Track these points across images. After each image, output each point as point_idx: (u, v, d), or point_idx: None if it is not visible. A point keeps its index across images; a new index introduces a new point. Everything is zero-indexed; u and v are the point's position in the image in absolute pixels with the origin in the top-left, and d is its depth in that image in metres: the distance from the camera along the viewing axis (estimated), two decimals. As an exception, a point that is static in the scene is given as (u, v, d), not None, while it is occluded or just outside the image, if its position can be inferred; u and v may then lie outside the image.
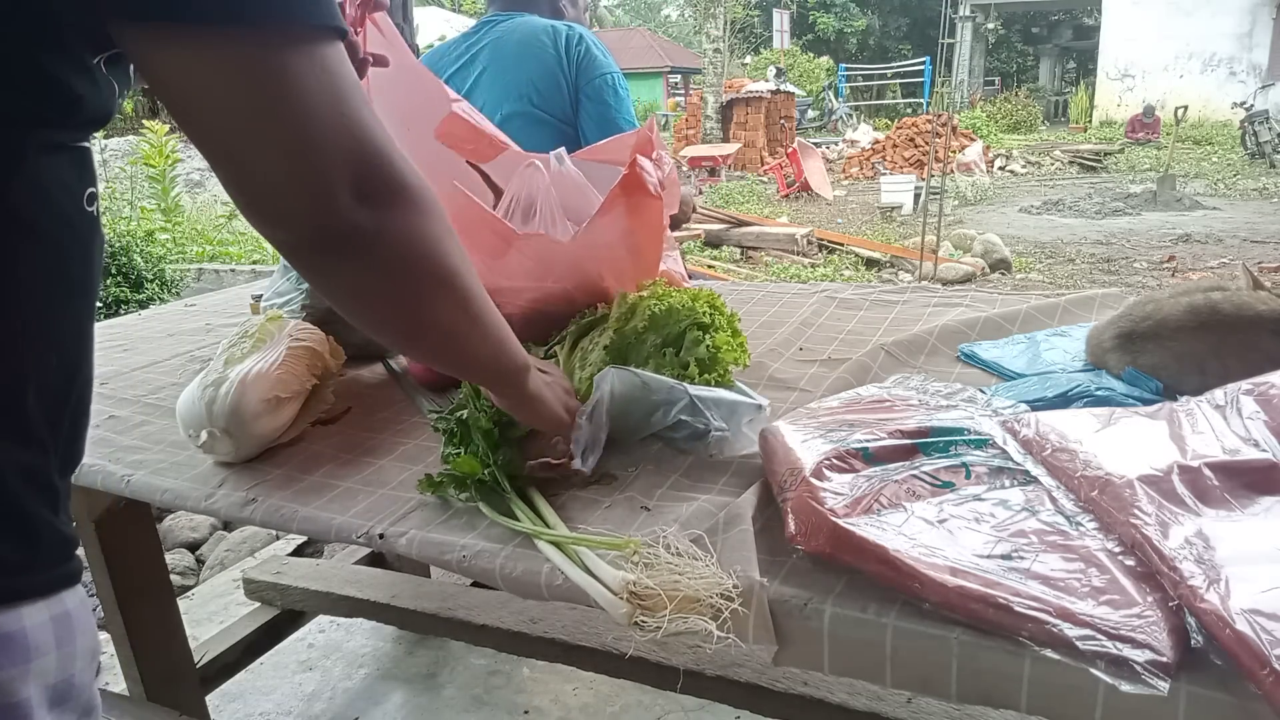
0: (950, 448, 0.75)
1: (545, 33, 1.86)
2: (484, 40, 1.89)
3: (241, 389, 0.93)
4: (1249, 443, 0.68)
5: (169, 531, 2.75)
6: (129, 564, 1.41)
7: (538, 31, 1.87)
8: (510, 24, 1.89)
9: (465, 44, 1.91)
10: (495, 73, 1.88)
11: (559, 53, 1.86)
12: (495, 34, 1.88)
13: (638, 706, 1.82)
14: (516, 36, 1.87)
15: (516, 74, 1.86)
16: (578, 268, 1.01)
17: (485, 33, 1.90)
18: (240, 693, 1.92)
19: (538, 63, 1.85)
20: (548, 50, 1.85)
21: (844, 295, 1.44)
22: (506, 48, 1.88)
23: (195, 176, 10.56)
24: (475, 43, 1.90)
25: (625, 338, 0.94)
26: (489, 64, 1.88)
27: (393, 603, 1.66)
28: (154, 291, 3.72)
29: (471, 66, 1.88)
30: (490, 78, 1.88)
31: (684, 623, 0.61)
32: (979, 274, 6.61)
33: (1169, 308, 0.92)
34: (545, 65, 1.85)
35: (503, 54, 1.88)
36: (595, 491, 0.83)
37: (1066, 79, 26.61)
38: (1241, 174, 12.04)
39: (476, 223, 0.96)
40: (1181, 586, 0.54)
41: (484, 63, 1.88)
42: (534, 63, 1.85)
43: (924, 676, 0.60)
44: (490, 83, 1.88)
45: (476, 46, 1.89)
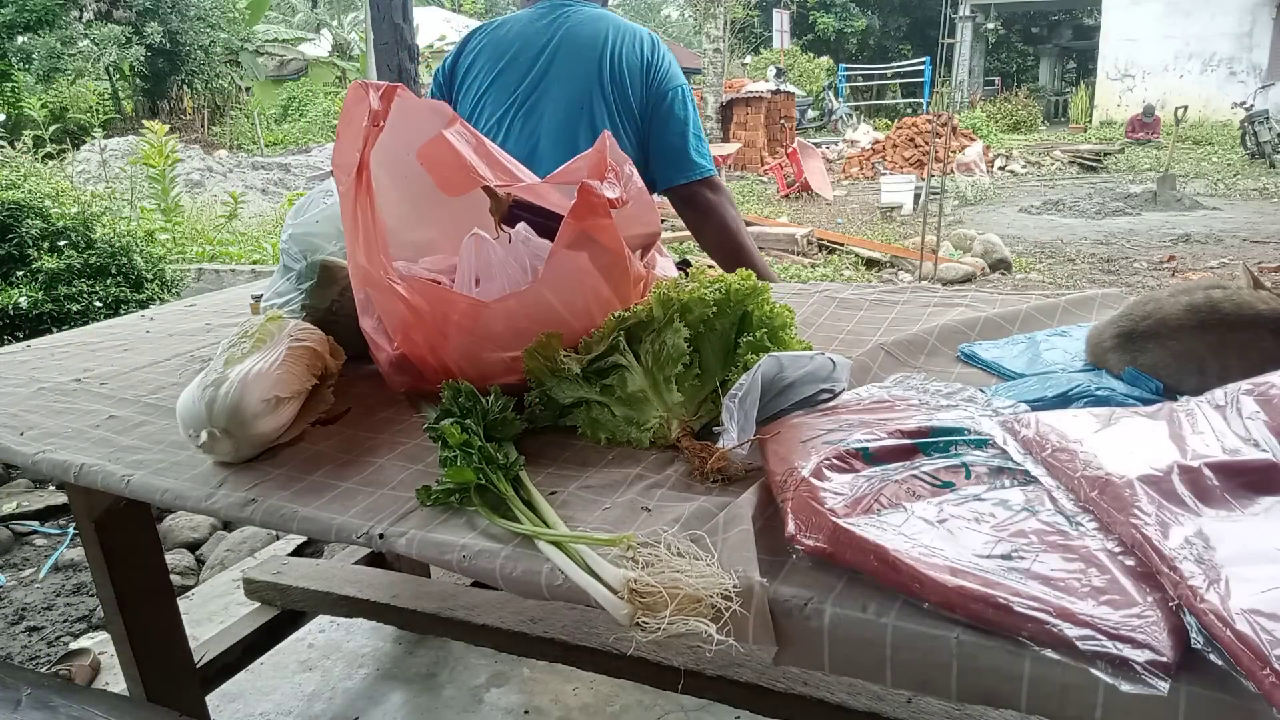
0: (950, 448, 0.75)
1: (627, 33, 1.80)
2: (558, 27, 1.80)
3: (241, 389, 0.93)
4: (1249, 443, 0.68)
5: (169, 531, 2.75)
6: (129, 564, 1.41)
7: (619, 29, 1.80)
8: (584, 15, 1.81)
9: (541, 22, 1.81)
10: (569, 63, 1.79)
11: (641, 56, 1.80)
12: (569, 22, 1.80)
13: (638, 706, 1.82)
14: (588, 30, 1.79)
15: (592, 69, 1.78)
16: (550, 309, 0.98)
17: (557, 18, 1.81)
18: (240, 693, 1.92)
19: (618, 61, 1.78)
20: (633, 51, 1.79)
21: (844, 295, 1.44)
22: (581, 39, 1.79)
23: (195, 176, 10.57)
24: (548, 28, 1.80)
25: (695, 326, 0.94)
26: (564, 48, 1.79)
27: (393, 603, 1.66)
28: (154, 291, 3.72)
29: (549, 49, 1.79)
30: (564, 68, 1.79)
31: (684, 624, 0.61)
32: (979, 274, 6.61)
33: (1169, 307, 0.92)
34: (629, 65, 1.78)
35: (578, 45, 1.79)
36: (595, 492, 0.83)
37: (1066, 79, 26.59)
38: (1241, 174, 12.04)
39: (445, 306, 0.97)
40: (1181, 586, 0.54)
41: (559, 46, 1.79)
42: (615, 61, 1.78)
43: (924, 676, 0.60)
44: (564, 74, 1.79)
45: (550, 33, 1.80)
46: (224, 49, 17.90)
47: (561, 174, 1.08)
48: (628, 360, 0.94)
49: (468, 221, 1.13)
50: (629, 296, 1.02)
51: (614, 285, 0.99)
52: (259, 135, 16.01)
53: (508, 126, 1.80)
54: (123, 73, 16.59)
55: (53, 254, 3.49)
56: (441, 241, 1.21)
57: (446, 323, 0.97)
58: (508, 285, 1.03)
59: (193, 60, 16.86)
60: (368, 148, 0.95)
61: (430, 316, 0.97)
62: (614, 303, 1.00)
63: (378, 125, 0.96)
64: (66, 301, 3.41)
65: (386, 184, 1.06)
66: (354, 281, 1.05)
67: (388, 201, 1.07)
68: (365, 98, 0.97)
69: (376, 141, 0.96)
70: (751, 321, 0.96)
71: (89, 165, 9.62)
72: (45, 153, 9.37)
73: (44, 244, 3.52)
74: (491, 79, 1.83)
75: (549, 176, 1.11)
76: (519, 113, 1.80)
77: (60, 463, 1.01)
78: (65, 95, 14.85)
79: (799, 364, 0.88)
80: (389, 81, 1.20)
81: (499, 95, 1.82)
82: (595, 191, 0.92)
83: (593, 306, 0.99)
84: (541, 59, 1.80)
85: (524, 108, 1.79)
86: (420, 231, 1.21)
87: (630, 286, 1.02)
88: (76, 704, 1.08)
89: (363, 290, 1.04)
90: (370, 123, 0.95)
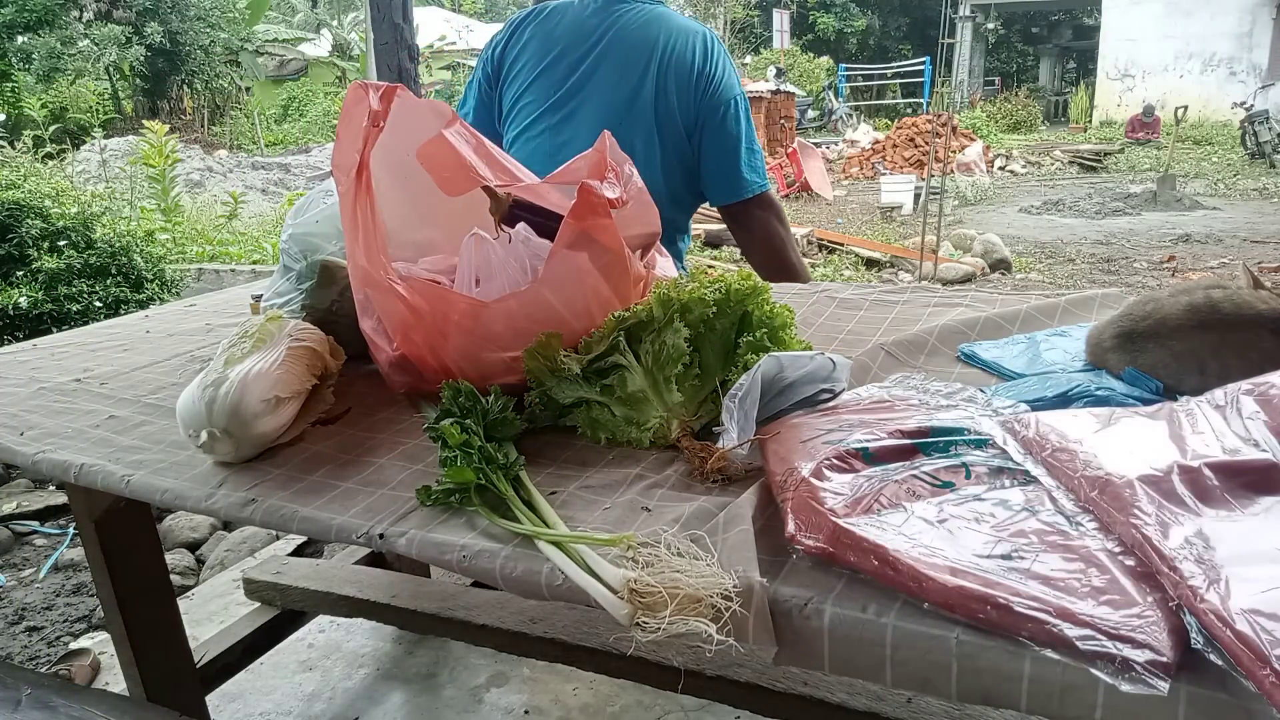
0: (950, 448, 0.75)
1: (679, 40, 1.68)
2: (608, 28, 1.70)
3: (241, 389, 0.93)
4: (1249, 443, 0.68)
5: (169, 531, 2.75)
6: (129, 564, 1.41)
7: (670, 36, 1.68)
8: (637, 16, 1.70)
9: (593, 20, 1.71)
10: (613, 71, 1.69)
11: (692, 67, 1.68)
12: (620, 23, 1.70)
13: (638, 706, 1.82)
14: (639, 36, 1.68)
15: (636, 80, 1.67)
16: (551, 309, 0.98)
17: (609, 17, 1.71)
18: (240, 693, 1.92)
19: (665, 74, 1.66)
20: (682, 61, 1.67)
21: (844, 295, 1.44)
22: (629, 44, 1.68)
23: (195, 176, 10.57)
24: (597, 27, 1.71)
25: (695, 326, 0.93)
26: (611, 53, 1.69)
27: (393, 603, 1.66)
28: (154, 291, 3.72)
29: (595, 52, 1.69)
30: (607, 76, 1.69)
31: (685, 624, 0.61)
32: (979, 274, 6.61)
33: (1169, 307, 0.92)
34: (677, 77, 1.67)
35: (625, 51, 1.68)
36: (595, 492, 0.83)
37: (1066, 79, 26.59)
38: (1241, 174, 12.04)
39: (445, 306, 0.96)
40: (1181, 586, 0.54)
41: (606, 50, 1.69)
42: (662, 74, 1.66)
43: (924, 676, 0.60)
44: (606, 83, 1.69)
45: (599, 34, 1.70)
46: (224, 49, 17.90)
47: (561, 174, 1.08)
48: (628, 360, 0.94)
49: (468, 221, 1.12)
50: (629, 296, 1.02)
51: (614, 285, 0.99)
52: (259, 135, 16.01)
53: (540, 133, 1.72)
54: (123, 73, 16.59)
55: (53, 254, 3.49)
56: (441, 241, 1.21)
57: (446, 323, 0.97)
58: (508, 285, 1.03)
59: (193, 60, 16.86)
60: (367, 148, 0.95)
61: (430, 317, 0.97)
62: (614, 303, 1.00)
63: (377, 125, 0.96)
64: (66, 301, 3.41)
65: (386, 184, 1.06)
66: (354, 282, 1.05)
67: (388, 201, 1.07)
68: (365, 98, 0.97)
69: (376, 142, 0.96)
70: (751, 321, 0.96)
71: (89, 165, 9.61)
72: (45, 153, 9.37)
73: (44, 244, 3.52)
74: (534, 77, 1.74)
75: (549, 176, 1.10)
76: (553, 120, 1.71)
77: (60, 463, 1.01)
78: (65, 95, 14.84)
79: (799, 364, 0.88)
80: (389, 81, 1.20)
81: (537, 96, 1.73)
82: (595, 191, 0.92)
83: (593, 306, 0.99)
84: (585, 63, 1.70)
85: (560, 114, 1.71)
86: (420, 231, 1.21)
87: (630, 286, 1.02)
88: (76, 704, 1.08)
89: (362, 291, 1.04)
90: (370, 123, 0.95)
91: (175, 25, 16.28)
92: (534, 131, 1.74)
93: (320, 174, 11.00)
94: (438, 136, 1.01)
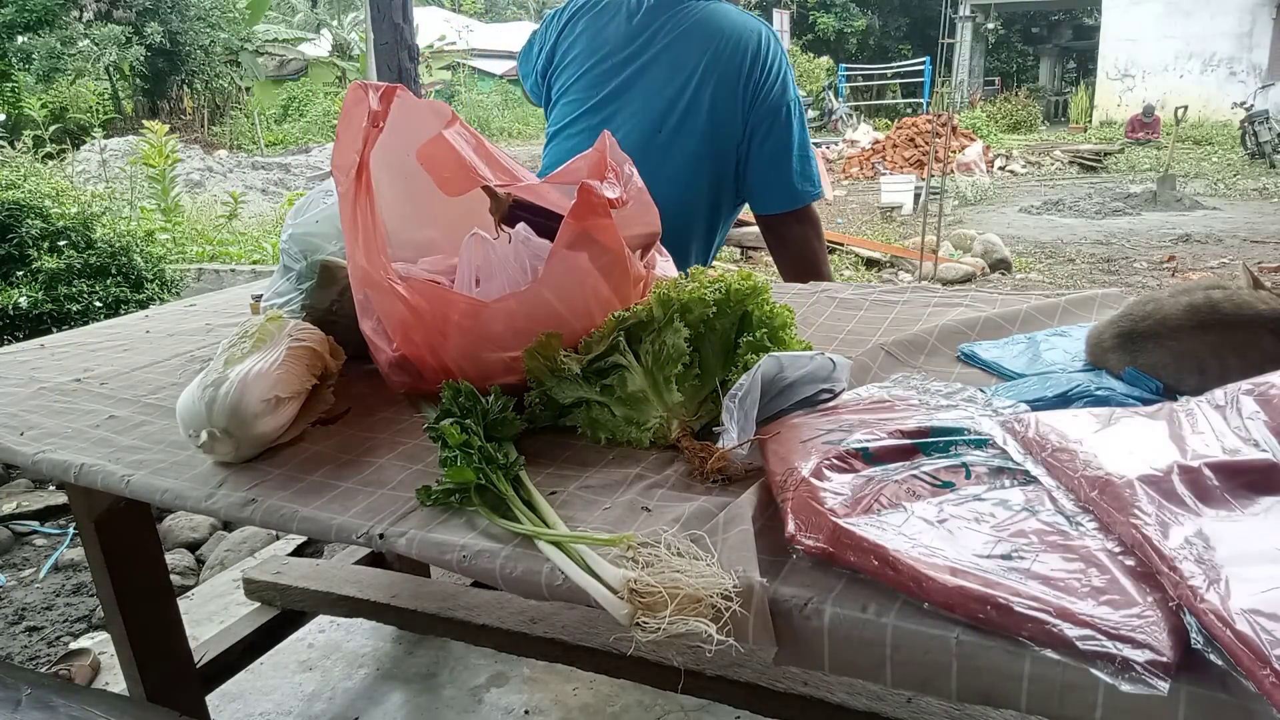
0: (950, 448, 0.75)
1: (729, 45, 1.61)
2: (658, 29, 1.63)
3: (241, 389, 0.93)
4: (1249, 443, 0.68)
5: (169, 531, 2.75)
6: (129, 564, 1.41)
7: (723, 42, 1.60)
8: (690, 17, 1.62)
9: (639, 18, 1.63)
10: (663, 72, 1.60)
11: (740, 74, 1.60)
12: (671, 23, 1.62)
13: (638, 706, 1.82)
14: (686, 44, 1.60)
15: (680, 88, 1.59)
16: (551, 309, 0.97)
17: (660, 17, 1.64)
18: (240, 693, 1.92)
19: (715, 72, 1.58)
20: (729, 67, 1.59)
21: (844, 295, 1.44)
22: (680, 44, 1.59)
23: (195, 176, 10.58)
24: (646, 27, 1.63)
25: (695, 326, 0.93)
26: (658, 58, 1.61)
27: (393, 603, 1.66)
28: (154, 291, 3.72)
29: (642, 57, 1.62)
30: (656, 77, 1.61)
31: (685, 624, 0.61)
32: (979, 274, 6.61)
33: (1169, 307, 0.92)
34: (728, 76, 1.59)
35: (675, 50, 1.59)
36: (595, 492, 0.83)
37: (1066, 79, 26.59)
38: (1241, 174, 12.04)
39: (444, 306, 0.96)
40: (1181, 586, 0.54)
41: (654, 55, 1.61)
42: (712, 72, 1.58)
43: (924, 676, 0.60)
44: (655, 84, 1.61)
45: (650, 31, 1.62)
46: (224, 49, 17.91)
47: (561, 174, 1.08)
48: (628, 360, 0.94)
49: (468, 221, 1.12)
50: (629, 296, 1.02)
51: (614, 285, 0.99)
52: (259, 135, 16.02)
53: (579, 133, 1.68)
54: (123, 73, 16.59)
55: (53, 254, 3.50)
56: (441, 241, 1.21)
57: (446, 323, 0.97)
58: (508, 285, 1.03)
59: (193, 60, 16.87)
60: (367, 149, 0.95)
61: (430, 317, 0.97)
62: (614, 303, 1.00)
63: (377, 126, 0.96)
64: (66, 301, 3.41)
65: (386, 184, 1.06)
66: (353, 283, 1.05)
67: (388, 202, 1.07)
68: (365, 98, 0.97)
69: (376, 142, 0.96)
70: (751, 321, 0.96)
71: (89, 165, 9.62)
72: (45, 153, 9.37)
73: (44, 244, 3.52)
74: (578, 75, 1.69)
75: (549, 176, 1.11)
76: (593, 121, 1.66)
77: (60, 463, 1.01)
78: (65, 95, 14.85)
79: (799, 364, 0.88)
80: (389, 82, 1.20)
81: (579, 96, 1.68)
82: (595, 191, 0.92)
83: (593, 306, 0.99)
84: (630, 68, 1.64)
85: (599, 116, 1.65)
86: (420, 231, 1.21)
87: (630, 286, 1.02)
88: (76, 704, 1.08)
89: (362, 291, 1.04)
90: (370, 123, 0.95)
91: (175, 25, 16.29)
92: (573, 130, 1.70)
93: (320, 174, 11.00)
94: (437, 137, 1.01)
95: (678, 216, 1.67)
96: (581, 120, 1.70)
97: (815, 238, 1.77)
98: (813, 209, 1.77)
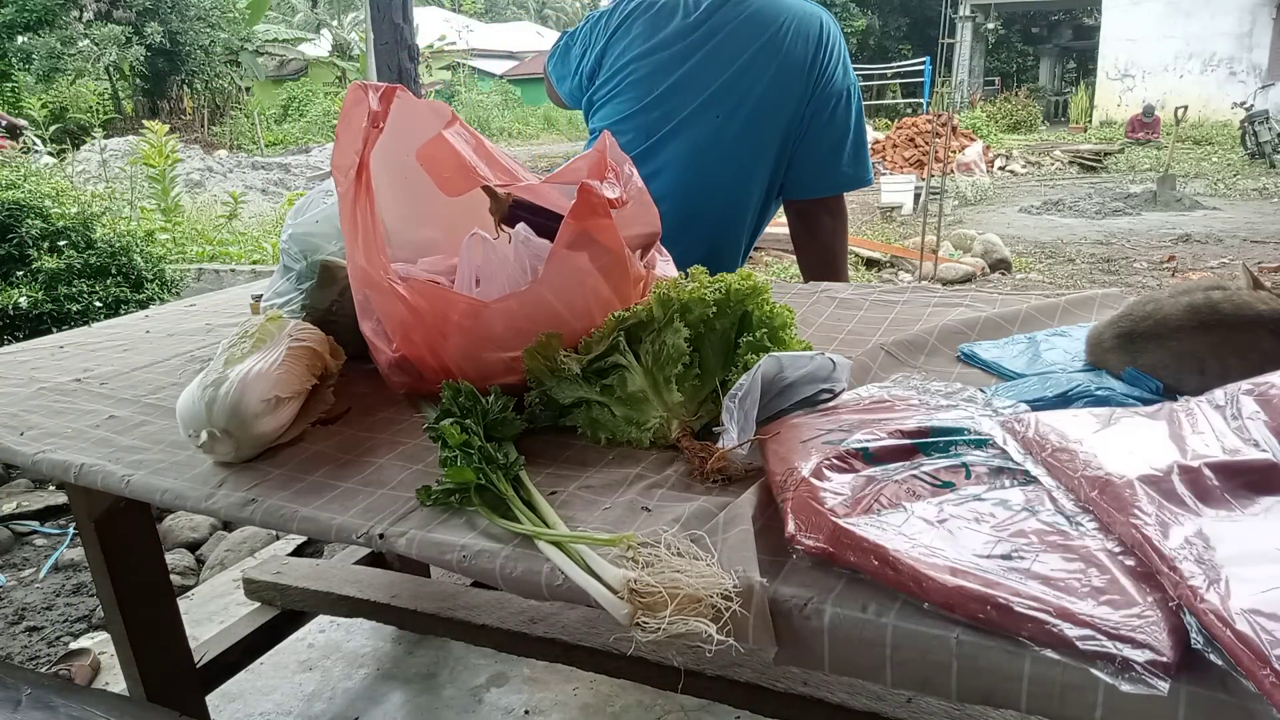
0: (950, 448, 0.75)
1: (793, 29, 1.57)
2: (722, 14, 1.60)
3: (241, 389, 0.93)
4: (1249, 443, 0.68)
5: (169, 531, 2.75)
6: (129, 564, 1.41)
7: (783, 26, 1.57)
8: (747, 8, 1.59)
9: (700, 15, 1.60)
10: (728, 58, 1.57)
11: (805, 55, 1.57)
12: (736, 8, 1.59)
13: (638, 706, 1.82)
14: (762, 17, 1.56)
15: (752, 67, 1.56)
16: (551, 309, 0.97)
17: (717, 13, 1.60)
18: (240, 693, 1.92)
19: (782, 54, 1.55)
20: (798, 40, 1.56)
21: (844, 295, 1.44)
22: (751, 28, 1.56)
23: (195, 176, 10.59)
24: (697, 26, 1.60)
25: (695, 326, 0.93)
26: (723, 43, 1.58)
27: (393, 603, 1.66)
28: (154, 291, 3.72)
29: (704, 44, 1.59)
30: (722, 62, 1.58)
31: (685, 624, 0.61)
32: (979, 274, 6.61)
33: (1169, 308, 0.92)
34: (788, 73, 1.56)
35: (743, 34, 1.56)
36: (595, 492, 0.83)
37: (1066, 79, 26.59)
38: (1241, 174, 12.05)
39: (445, 306, 0.96)
40: (1181, 586, 0.54)
41: (718, 42, 1.58)
42: (778, 54, 1.54)
43: (924, 676, 0.60)
44: (719, 71, 1.57)
45: (712, 20, 1.59)
46: (224, 49, 17.92)
47: (561, 174, 1.08)
48: (628, 360, 0.94)
49: (468, 221, 1.13)
50: (629, 296, 1.02)
51: (614, 285, 0.99)
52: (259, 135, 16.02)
53: (633, 131, 1.64)
54: (123, 73, 16.60)
55: (53, 254, 3.50)
56: (441, 241, 1.21)
57: (446, 323, 0.97)
58: (508, 285, 1.03)
59: (193, 60, 16.88)
60: (367, 149, 0.95)
61: (430, 317, 0.97)
62: (614, 303, 1.00)
63: (377, 127, 0.96)
64: (66, 301, 3.41)
65: (386, 184, 1.06)
66: (353, 283, 1.05)
67: (388, 202, 1.07)
68: (364, 99, 0.97)
69: (376, 143, 0.96)
70: (751, 321, 0.96)
71: (89, 165, 9.62)
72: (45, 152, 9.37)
73: (44, 244, 3.52)
74: (635, 75, 1.65)
75: (549, 176, 1.11)
76: (646, 144, 1.63)
77: (60, 463, 1.01)
78: (65, 95, 14.86)
79: (799, 364, 0.88)
80: (389, 82, 1.20)
81: (635, 94, 1.65)
82: (595, 191, 0.92)
83: (593, 306, 0.99)
84: (690, 60, 1.60)
85: (650, 140, 1.63)
86: (420, 232, 1.21)
87: (630, 286, 1.02)
88: (76, 704, 1.08)
89: (362, 292, 1.04)
90: (369, 124, 0.95)
91: (175, 25, 16.30)
92: (627, 125, 1.66)
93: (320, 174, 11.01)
94: (437, 137, 1.01)
95: (737, 206, 1.68)
96: (639, 116, 1.65)
97: (843, 235, 1.77)
98: (845, 206, 1.77)
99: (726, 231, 1.70)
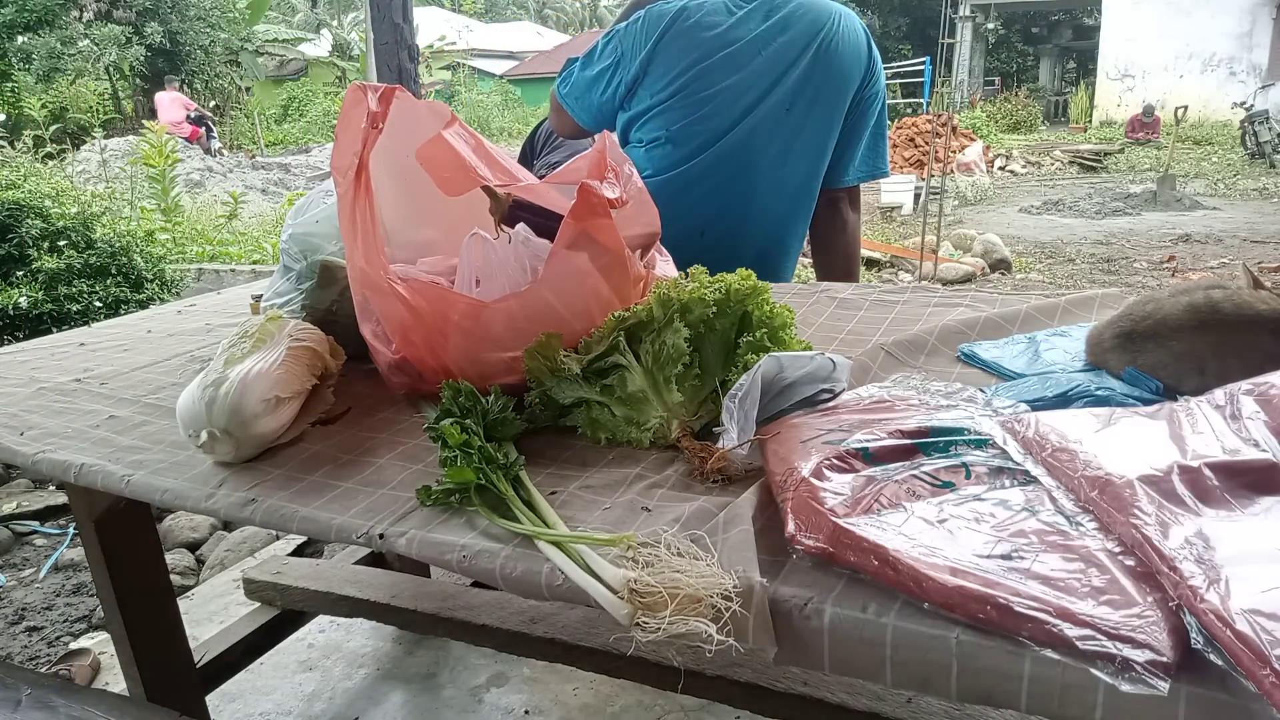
0: (950, 448, 0.75)
1: (843, 13, 1.62)
2: (765, 39, 1.62)
3: (241, 389, 0.93)
4: (1249, 443, 0.68)
5: (169, 531, 2.75)
6: (129, 564, 1.41)
7: (831, 11, 1.61)
8: (802, 14, 1.61)
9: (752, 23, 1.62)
10: (779, 57, 1.60)
11: (859, 45, 1.62)
12: (787, 21, 1.62)
13: (638, 706, 1.82)
14: (811, 14, 1.60)
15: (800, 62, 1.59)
16: (551, 309, 0.97)
17: (765, 23, 1.62)
18: (240, 693, 1.92)
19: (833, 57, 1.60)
20: (848, 33, 1.60)
21: (844, 295, 1.44)
22: (801, 24, 1.59)
23: (195, 176, 10.58)
24: (757, 26, 1.61)
25: (695, 326, 0.94)
26: (775, 42, 1.60)
27: (393, 603, 1.66)
28: (154, 291, 3.72)
29: (755, 47, 1.61)
30: (774, 62, 1.60)
31: (685, 624, 0.61)
32: (979, 274, 6.61)
33: (1169, 307, 0.92)
34: (846, 60, 1.60)
35: (797, 28, 1.59)
36: (595, 492, 0.83)
37: (1066, 79, 26.58)
38: (1241, 174, 12.05)
39: (444, 306, 0.96)
40: (1181, 586, 0.54)
41: (767, 43, 1.60)
42: (831, 57, 1.59)
43: (924, 676, 0.60)
44: (772, 70, 1.60)
45: (760, 22, 1.61)
46: (224, 49, 17.93)
47: (561, 174, 1.08)
48: (628, 360, 0.94)
49: (468, 221, 1.13)
50: (629, 296, 1.02)
51: (614, 285, 0.99)
52: (259, 135, 16.02)
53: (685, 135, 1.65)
54: (123, 73, 16.60)
55: (53, 254, 3.50)
56: (441, 242, 1.21)
57: (446, 323, 0.97)
58: (508, 285, 1.03)
59: (193, 60, 16.89)
60: (366, 150, 0.95)
61: (430, 317, 0.97)
62: (614, 303, 1.00)
63: (376, 127, 0.96)
64: (66, 301, 3.41)
65: (386, 185, 1.06)
66: (353, 284, 1.05)
67: (387, 202, 1.07)
68: (364, 100, 0.97)
69: (375, 143, 0.96)
70: (751, 321, 0.96)
71: (89, 165, 9.62)
72: (45, 153, 9.38)
73: (44, 244, 3.52)
74: (685, 81, 1.64)
75: (549, 176, 1.11)
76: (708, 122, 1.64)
77: (60, 463, 1.01)
78: (65, 95, 14.86)
79: (799, 364, 0.88)
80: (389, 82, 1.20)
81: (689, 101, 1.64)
82: (595, 191, 0.92)
83: (593, 306, 0.99)
84: (745, 65, 1.61)
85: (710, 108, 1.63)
86: (420, 232, 1.21)
87: (630, 286, 1.02)
88: (76, 704, 1.08)
89: (361, 293, 1.04)
90: (369, 125, 0.95)
91: (175, 25, 16.31)
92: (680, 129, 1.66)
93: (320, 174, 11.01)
94: (437, 137, 1.01)
95: (808, 197, 1.75)
96: (706, 121, 1.65)
97: (858, 231, 1.83)
98: (860, 201, 1.85)
99: (797, 227, 1.77)
